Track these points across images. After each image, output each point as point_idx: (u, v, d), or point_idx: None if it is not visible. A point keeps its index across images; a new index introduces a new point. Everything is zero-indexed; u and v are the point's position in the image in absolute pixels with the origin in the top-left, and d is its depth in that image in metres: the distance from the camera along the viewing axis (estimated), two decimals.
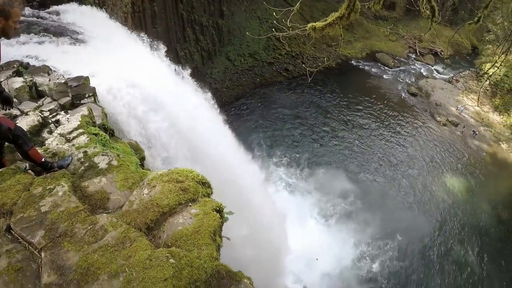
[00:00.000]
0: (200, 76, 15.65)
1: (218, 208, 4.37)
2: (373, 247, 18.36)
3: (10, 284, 3.80)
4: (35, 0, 12.81)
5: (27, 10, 11.89)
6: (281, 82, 28.10)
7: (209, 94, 12.27)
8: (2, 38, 4.73)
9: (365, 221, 19.44)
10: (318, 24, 6.59)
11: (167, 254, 3.77)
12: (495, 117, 28.73)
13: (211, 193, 4.74)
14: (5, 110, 5.86)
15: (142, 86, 8.30)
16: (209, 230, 4.11)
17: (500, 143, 26.54)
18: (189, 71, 13.10)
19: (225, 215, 4.52)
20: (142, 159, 6.56)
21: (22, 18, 10.17)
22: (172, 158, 8.09)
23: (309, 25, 6.66)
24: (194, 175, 4.72)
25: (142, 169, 5.64)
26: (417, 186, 22.19)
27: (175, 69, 11.56)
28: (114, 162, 5.14)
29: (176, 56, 15.33)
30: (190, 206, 4.40)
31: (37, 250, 4.16)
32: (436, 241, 19.40)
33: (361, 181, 21.98)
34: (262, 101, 25.71)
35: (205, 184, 4.76)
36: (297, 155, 22.63)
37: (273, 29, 30.26)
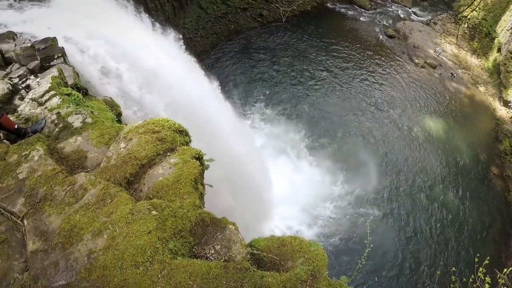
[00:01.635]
0: (173, 27, 15.08)
1: (197, 156, 4.25)
2: (350, 184, 18.52)
3: None
4: None
5: None
6: (256, 28, 27.27)
7: (181, 41, 11.84)
8: None
9: (342, 158, 19.52)
10: None
11: (148, 206, 3.69)
12: (473, 60, 28.50)
13: (190, 141, 4.60)
14: None
15: (112, 40, 7.97)
16: (189, 179, 4.01)
17: (478, 85, 26.48)
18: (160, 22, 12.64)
19: (206, 163, 4.40)
20: (119, 114, 6.38)
21: None
22: (149, 109, 7.88)
23: None
24: (171, 124, 4.56)
25: (120, 124, 5.45)
26: (397, 125, 22.20)
27: (144, 20, 11.10)
28: (89, 120, 4.96)
29: (146, 9, 14.74)
30: (169, 155, 4.28)
31: (19, 219, 4.11)
32: (416, 177, 19.59)
33: (341, 118, 21.90)
34: (238, 47, 25.08)
35: (183, 132, 4.62)
36: (275, 95, 22.43)
37: None
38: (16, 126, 5.10)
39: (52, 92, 5.85)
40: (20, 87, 6.44)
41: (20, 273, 3.70)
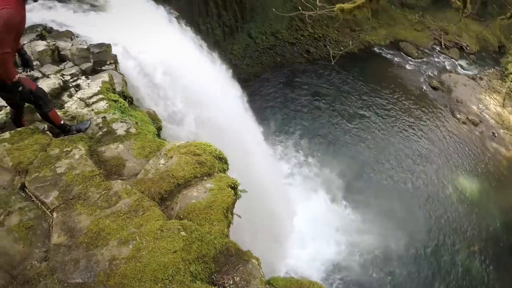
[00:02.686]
0: (221, 51, 15.53)
1: (233, 185, 4.37)
2: (379, 236, 18.26)
3: (20, 241, 3.86)
4: None
5: None
6: (301, 64, 27.55)
7: (226, 68, 12.19)
8: (28, 1, 4.75)
9: (374, 205, 19.28)
10: (347, 5, 6.48)
11: (179, 226, 3.78)
12: None
13: (227, 169, 4.73)
14: (26, 72, 5.90)
15: (163, 56, 8.28)
16: (222, 206, 4.11)
17: None
18: (208, 44, 13.06)
19: (239, 193, 4.52)
20: (159, 128, 6.57)
21: None
22: (187, 126, 8.12)
23: (338, 5, 6.55)
24: (212, 149, 4.71)
25: (159, 138, 5.64)
26: (429, 182, 21.86)
27: (196, 41, 11.51)
28: (132, 130, 5.15)
29: (198, 30, 15.23)
30: (206, 180, 4.40)
31: (49, 210, 4.20)
32: (444, 238, 19.21)
33: (377, 164, 21.68)
34: (282, 80, 25.33)
35: (222, 159, 4.75)
36: (312, 130, 22.43)
37: (299, 8, 29.77)
38: (62, 122, 5.30)
39: (101, 96, 6.08)
40: (71, 85, 6.70)
41: (39, 262, 3.77)
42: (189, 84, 8.41)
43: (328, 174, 19.76)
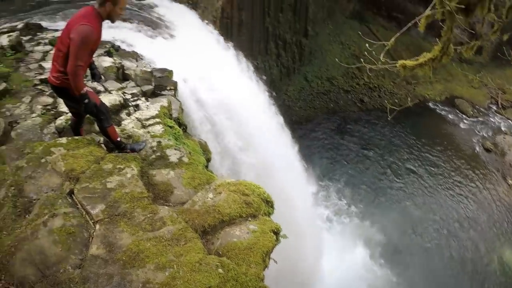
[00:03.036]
0: (276, 91, 15.81)
1: (276, 230, 4.38)
2: None
3: (59, 244, 3.95)
4: None
5: None
6: (354, 112, 27.52)
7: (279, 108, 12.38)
8: (107, 21, 5.04)
9: (415, 269, 18.57)
10: (409, 62, 6.50)
11: (217, 263, 3.80)
12: None
13: (272, 213, 4.75)
14: (92, 82, 6.20)
15: (221, 90, 8.51)
16: (262, 250, 4.12)
17: None
18: (265, 83, 13.34)
19: (280, 238, 4.52)
20: (208, 160, 6.70)
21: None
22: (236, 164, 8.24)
23: (400, 62, 6.59)
24: (261, 192, 4.76)
25: (208, 171, 5.75)
26: (473, 249, 20.96)
27: (254, 79, 11.79)
28: (185, 159, 5.28)
29: (256, 68, 15.61)
30: (250, 221, 4.44)
31: (92, 221, 4.32)
32: None
33: (420, 224, 20.98)
34: (332, 126, 25.33)
35: (269, 203, 4.79)
36: (357, 179, 22.12)
37: (355, 57, 30.02)
38: (118, 139, 5.50)
39: (158, 120, 6.30)
40: (130, 104, 6.97)
41: (73, 268, 3.84)
42: (243, 122, 8.58)
43: (369, 228, 19.30)
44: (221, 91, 8.48)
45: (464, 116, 32.02)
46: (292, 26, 27.02)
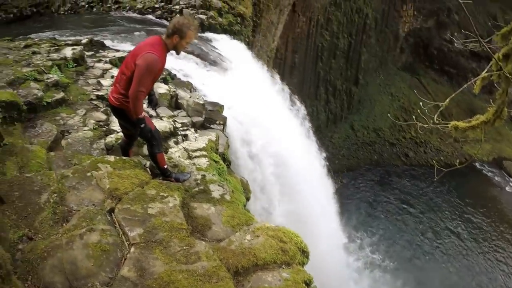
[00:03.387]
0: (321, 137, 15.89)
1: (308, 281, 4.35)
2: None
3: (92, 259, 4.03)
4: None
5: None
6: (397, 166, 27.18)
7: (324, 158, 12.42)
8: (172, 52, 5.30)
9: None
10: (461, 124, 6.41)
11: None
12: None
13: (306, 263, 4.73)
14: (148, 107, 6.45)
15: (269, 130, 8.64)
16: None
17: None
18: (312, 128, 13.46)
19: None
20: (247, 199, 6.76)
21: None
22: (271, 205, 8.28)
23: (452, 123, 6.52)
24: (298, 241, 4.76)
25: (247, 211, 5.79)
26: None
27: (303, 123, 11.92)
28: (227, 197, 5.36)
29: (303, 110, 15.86)
30: (283, 268, 4.43)
31: (128, 243, 4.39)
32: None
33: None
34: (374, 178, 25.08)
35: (305, 253, 4.78)
36: (394, 236, 21.56)
37: (404, 110, 29.76)
38: (166, 166, 5.65)
39: (204, 153, 6.45)
40: (179, 133, 7.17)
41: (101, 285, 3.90)
42: (287, 164, 8.65)
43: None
44: (269, 132, 8.60)
45: (511, 179, 30.86)
46: (344, 73, 27.24)
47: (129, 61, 5.18)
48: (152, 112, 7.46)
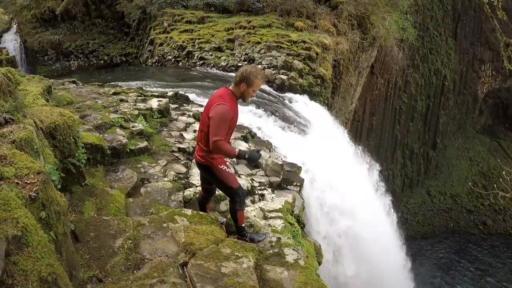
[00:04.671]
0: (395, 202, 15.41)
1: None
2: None
3: None
4: (275, 83, 14.54)
5: (267, 87, 13.47)
6: (474, 235, 25.57)
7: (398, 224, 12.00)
8: (240, 100, 5.43)
9: None
10: None
11: None
12: None
13: None
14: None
15: (345, 196, 8.50)
16: None
17: None
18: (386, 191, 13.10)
19: None
20: (319, 263, 6.59)
21: (265, 95, 11.54)
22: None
23: None
24: None
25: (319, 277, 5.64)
26: None
27: (380, 190, 11.66)
28: (301, 262, 5.26)
29: (379, 175, 15.55)
30: None
31: None
32: None
33: None
34: (449, 248, 23.68)
35: None
36: None
37: (483, 175, 28.28)
38: (243, 225, 5.66)
39: (280, 214, 6.42)
40: (256, 193, 7.21)
41: None
42: (361, 234, 8.43)
43: None
44: (345, 199, 8.47)
45: None
46: (421, 136, 26.55)
47: (204, 117, 5.39)
48: (231, 169, 7.58)
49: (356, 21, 20.45)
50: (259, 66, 15.73)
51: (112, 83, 12.82)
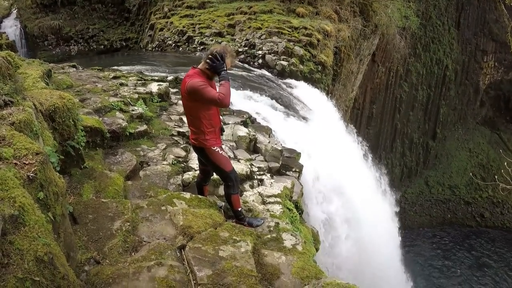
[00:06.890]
0: (394, 191, 15.47)
1: None
2: None
3: None
4: (276, 69, 14.47)
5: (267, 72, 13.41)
6: (471, 227, 25.64)
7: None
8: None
9: None
10: None
11: None
12: None
13: None
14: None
15: (346, 188, 8.51)
16: None
17: None
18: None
19: None
20: (316, 249, 6.61)
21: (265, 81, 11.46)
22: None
23: None
24: None
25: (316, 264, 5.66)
26: None
27: (379, 179, 11.67)
28: (299, 247, 5.27)
29: (377, 164, 15.53)
30: None
31: (195, 282, 4.32)
32: None
33: None
34: (447, 239, 23.73)
35: None
36: None
37: (482, 167, 28.33)
38: (240, 209, 5.66)
39: (278, 200, 6.43)
40: (255, 177, 7.20)
41: None
42: (358, 220, 8.44)
43: None
44: (343, 185, 8.47)
45: None
46: (421, 126, 26.52)
47: (184, 102, 5.41)
48: (230, 154, 7.57)
49: (358, 8, 20.30)
50: (260, 52, 15.66)
51: (113, 67, 12.72)
